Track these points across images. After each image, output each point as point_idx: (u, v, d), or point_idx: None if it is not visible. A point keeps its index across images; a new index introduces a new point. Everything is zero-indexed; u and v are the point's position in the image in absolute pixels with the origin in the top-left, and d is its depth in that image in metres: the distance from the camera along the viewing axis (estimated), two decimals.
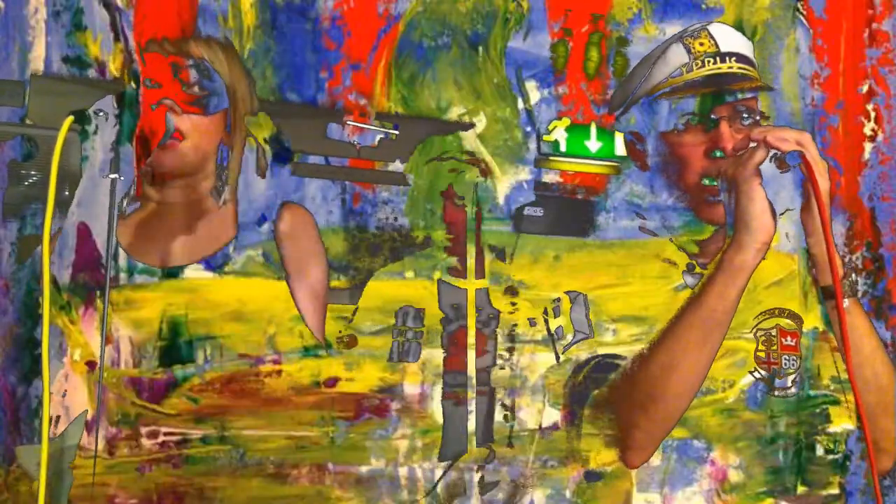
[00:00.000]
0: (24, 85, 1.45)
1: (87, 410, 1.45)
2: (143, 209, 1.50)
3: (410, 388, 1.52)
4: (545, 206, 1.57)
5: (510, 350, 1.54)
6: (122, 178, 1.48)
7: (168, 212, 1.50)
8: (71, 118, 1.37)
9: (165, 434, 1.47)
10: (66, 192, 1.42)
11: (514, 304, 1.54)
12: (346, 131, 1.53)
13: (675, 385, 1.50)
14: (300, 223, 1.51)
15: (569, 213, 1.57)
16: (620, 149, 1.58)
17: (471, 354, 1.53)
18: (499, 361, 1.53)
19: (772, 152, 1.49)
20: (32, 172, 1.39)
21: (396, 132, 1.52)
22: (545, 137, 1.57)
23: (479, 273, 1.55)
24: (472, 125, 1.55)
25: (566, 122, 1.57)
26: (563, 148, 1.57)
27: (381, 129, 1.51)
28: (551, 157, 1.57)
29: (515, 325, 1.54)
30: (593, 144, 1.58)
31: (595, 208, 1.57)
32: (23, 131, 1.39)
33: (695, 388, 1.51)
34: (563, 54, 1.57)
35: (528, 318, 1.55)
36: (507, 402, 1.53)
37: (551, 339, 1.54)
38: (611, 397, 1.53)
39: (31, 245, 1.46)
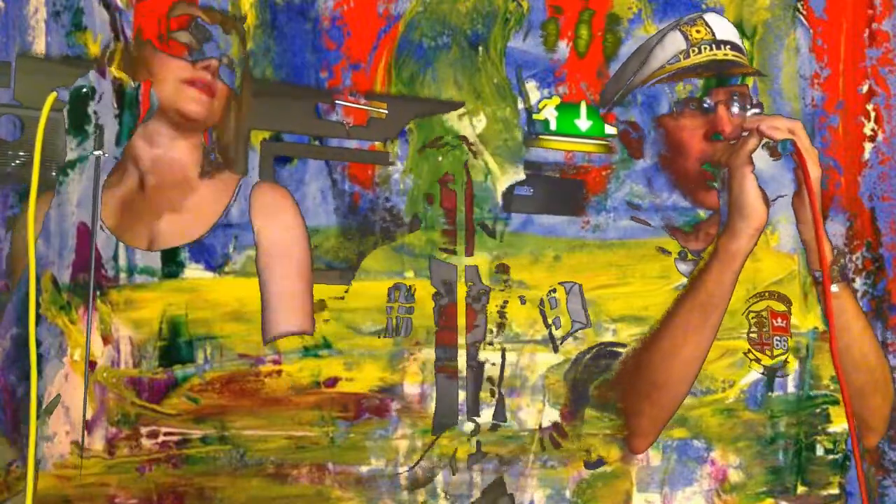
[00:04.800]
0: (10, 65, 1.45)
1: (59, 395, 1.45)
2: (125, 185, 1.50)
3: (410, 388, 1.52)
4: (535, 186, 1.57)
5: (500, 326, 1.54)
6: (106, 155, 1.48)
7: (151, 186, 1.51)
8: (54, 95, 1.37)
9: (165, 434, 1.47)
10: (53, 173, 1.43)
11: (505, 280, 1.55)
12: (337, 111, 1.54)
13: (677, 370, 1.52)
14: (278, 199, 1.52)
15: (559, 192, 1.57)
16: (610, 127, 1.59)
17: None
18: (488, 336, 1.54)
19: (764, 140, 1.50)
20: (21, 153, 1.39)
21: (385, 112, 1.53)
22: (535, 116, 1.57)
23: (469, 251, 1.55)
24: (461, 104, 1.56)
25: (556, 100, 1.57)
26: (553, 126, 1.57)
27: (371, 108, 1.51)
28: (541, 136, 1.57)
29: (507, 301, 1.54)
30: (583, 123, 1.58)
31: (585, 187, 1.58)
32: (5, 111, 1.39)
33: (696, 372, 1.53)
34: (554, 32, 1.58)
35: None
36: (494, 377, 1.53)
37: (549, 329, 1.55)
38: (613, 386, 1.54)
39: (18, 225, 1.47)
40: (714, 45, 1.54)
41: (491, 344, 1.54)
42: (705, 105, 1.55)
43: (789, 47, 1.63)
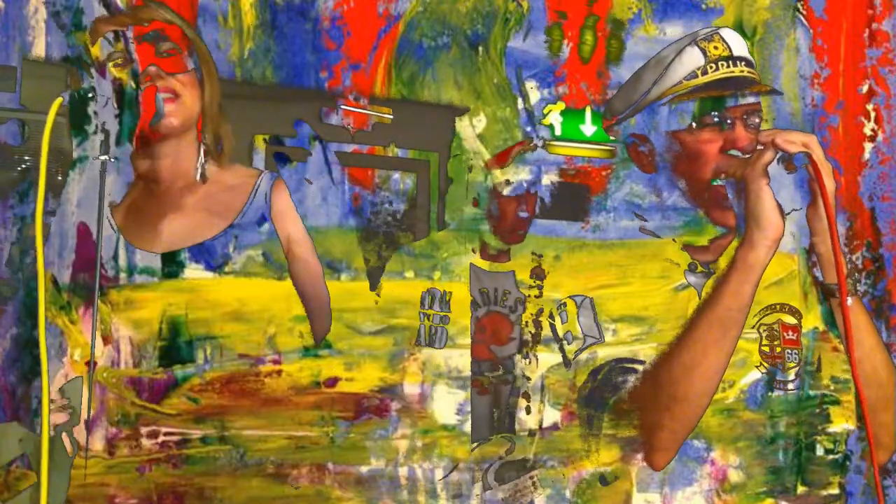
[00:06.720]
0: (16, 70, 1.45)
1: (81, 378, 1.45)
2: (133, 190, 1.50)
3: (410, 388, 1.52)
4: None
5: (535, 337, 1.54)
6: (111, 160, 1.48)
7: (158, 191, 1.50)
8: (60, 100, 1.37)
9: (165, 434, 1.47)
10: (59, 177, 1.42)
11: (539, 286, 1.54)
12: (340, 115, 1.54)
13: (697, 384, 1.53)
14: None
15: (563, 197, 1.58)
16: (615, 137, 1.59)
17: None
18: (523, 349, 1.54)
19: (779, 154, 1.51)
20: (26, 158, 1.39)
21: (390, 117, 1.53)
22: (542, 122, 1.57)
23: (505, 257, 1.55)
24: (466, 109, 1.56)
25: (561, 106, 1.57)
26: (558, 132, 1.58)
27: (376, 113, 1.51)
28: (547, 141, 1.57)
29: (542, 309, 1.54)
30: (588, 128, 1.58)
31: (589, 194, 1.58)
32: (11, 115, 1.39)
33: (715, 386, 1.54)
34: (558, 38, 1.58)
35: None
36: (529, 391, 1.53)
37: (560, 344, 1.54)
38: (633, 401, 1.54)
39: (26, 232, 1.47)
40: (731, 62, 1.54)
41: (527, 357, 1.54)
42: (727, 121, 1.55)
43: (789, 47, 1.63)
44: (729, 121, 1.56)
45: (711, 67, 1.54)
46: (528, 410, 1.53)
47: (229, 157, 1.52)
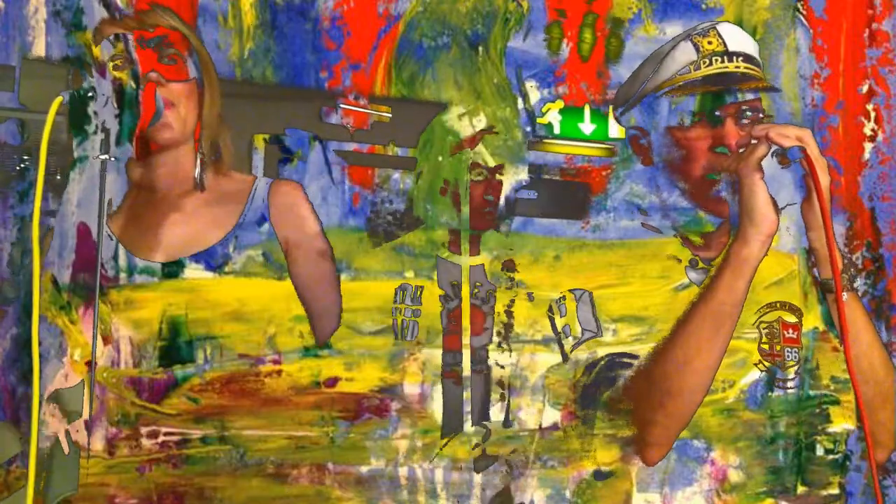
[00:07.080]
0: (14, 69, 1.45)
1: (83, 381, 1.45)
2: (129, 197, 1.50)
3: (410, 388, 1.52)
4: (539, 189, 1.57)
5: (508, 327, 1.54)
6: (112, 159, 1.48)
7: (154, 199, 1.50)
8: (59, 99, 1.37)
9: (165, 434, 1.47)
10: (59, 176, 1.42)
11: (511, 279, 1.55)
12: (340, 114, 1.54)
13: (690, 380, 1.52)
14: (293, 195, 1.52)
15: (563, 195, 1.58)
16: (614, 131, 1.59)
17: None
18: (496, 339, 1.54)
19: (773, 148, 1.50)
20: (25, 157, 1.39)
21: (389, 115, 1.53)
22: (539, 120, 1.57)
23: (475, 249, 1.55)
24: (446, 105, 1.56)
25: (560, 104, 1.57)
26: (556, 130, 1.58)
27: (375, 112, 1.51)
28: (545, 140, 1.57)
29: (513, 300, 1.54)
30: (587, 127, 1.58)
31: (589, 192, 1.58)
32: (11, 115, 1.39)
33: (709, 381, 1.54)
34: (558, 36, 1.58)
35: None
36: (504, 380, 1.53)
37: (558, 338, 1.55)
38: (627, 396, 1.54)
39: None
40: (725, 58, 1.54)
41: (500, 346, 1.54)
42: (718, 115, 1.55)
43: (789, 47, 1.63)
44: (720, 117, 1.55)
45: (705, 63, 1.54)
46: (503, 398, 1.53)
47: (228, 165, 1.52)
